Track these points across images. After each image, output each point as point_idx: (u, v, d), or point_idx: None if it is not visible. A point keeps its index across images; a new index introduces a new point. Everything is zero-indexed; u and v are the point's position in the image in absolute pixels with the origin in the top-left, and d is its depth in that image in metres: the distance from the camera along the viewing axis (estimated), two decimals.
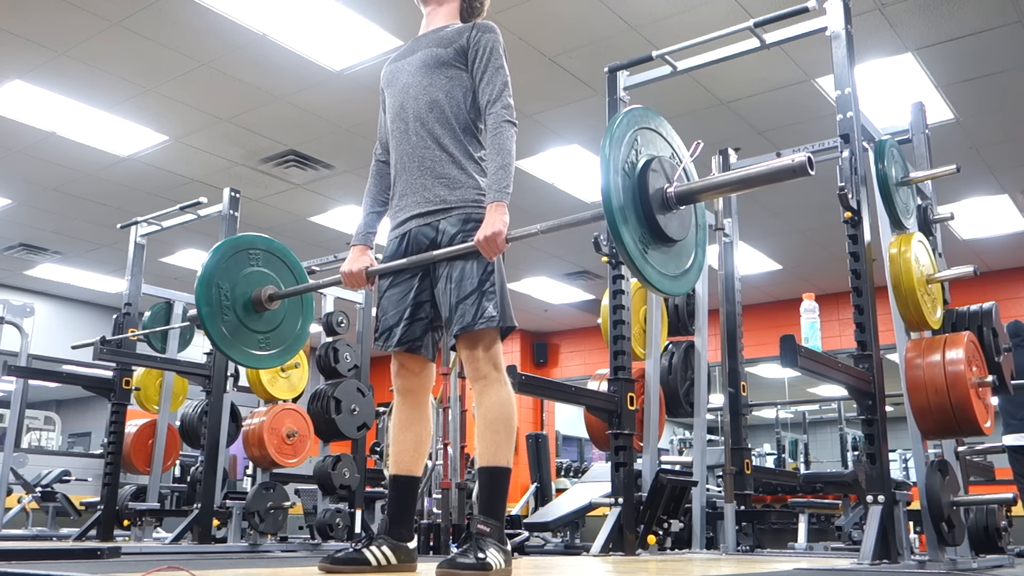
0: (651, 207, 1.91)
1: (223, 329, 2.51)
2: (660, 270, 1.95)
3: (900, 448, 8.46)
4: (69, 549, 3.51)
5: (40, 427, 12.61)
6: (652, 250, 1.92)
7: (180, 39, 4.83)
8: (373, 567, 2.26)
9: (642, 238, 1.90)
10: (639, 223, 1.90)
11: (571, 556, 4.97)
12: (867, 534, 2.62)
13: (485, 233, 2.15)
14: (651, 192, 1.92)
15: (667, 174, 1.98)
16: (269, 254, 2.68)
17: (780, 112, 5.63)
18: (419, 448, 2.41)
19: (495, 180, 2.24)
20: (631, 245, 1.86)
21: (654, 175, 1.95)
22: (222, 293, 2.52)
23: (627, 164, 1.92)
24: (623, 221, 1.85)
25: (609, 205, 1.84)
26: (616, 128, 1.94)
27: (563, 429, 12.17)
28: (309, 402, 5.36)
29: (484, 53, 2.39)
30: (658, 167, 1.98)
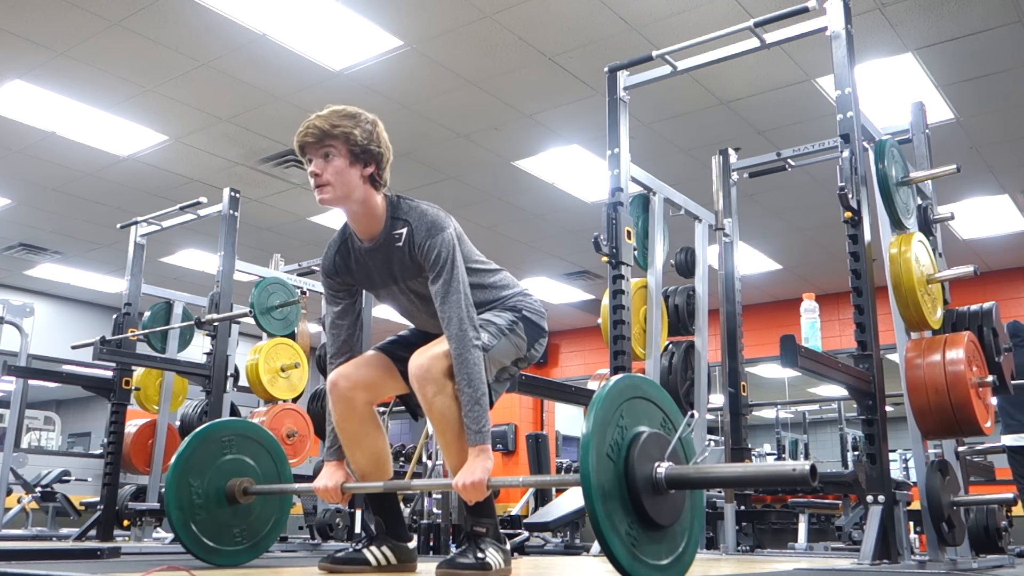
0: (639, 495, 1.66)
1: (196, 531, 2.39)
2: (652, 563, 1.67)
3: (900, 448, 8.45)
4: (69, 549, 3.51)
5: (40, 427, 12.61)
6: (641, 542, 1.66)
7: (180, 39, 4.83)
8: (373, 567, 2.26)
9: (629, 532, 1.64)
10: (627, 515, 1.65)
11: (571, 556, 4.96)
12: (867, 534, 2.62)
13: (465, 480, 2.03)
14: (638, 470, 1.67)
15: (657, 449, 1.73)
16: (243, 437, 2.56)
17: (780, 112, 5.62)
18: (377, 460, 2.35)
19: (472, 421, 2.05)
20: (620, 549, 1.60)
21: (643, 452, 1.69)
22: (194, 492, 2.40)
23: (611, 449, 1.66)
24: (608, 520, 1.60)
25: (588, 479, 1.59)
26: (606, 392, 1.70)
27: (563, 429, 12.17)
28: (309, 402, 5.36)
29: (437, 267, 2.14)
30: (646, 444, 1.71)
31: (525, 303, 2.37)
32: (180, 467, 2.41)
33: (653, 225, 4.05)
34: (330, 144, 2.16)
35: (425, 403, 2.13)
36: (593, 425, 1.64)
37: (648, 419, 1.79)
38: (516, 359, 2.33)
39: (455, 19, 4.66)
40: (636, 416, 1.76)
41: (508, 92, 5.45)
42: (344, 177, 2.16)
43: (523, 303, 2.37)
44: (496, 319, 2.28)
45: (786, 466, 1.66)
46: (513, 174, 6.61)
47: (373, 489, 2.31)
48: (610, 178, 3.65)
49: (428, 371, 2.10)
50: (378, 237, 2.22)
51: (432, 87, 5.37)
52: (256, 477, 2.55)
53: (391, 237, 2.21)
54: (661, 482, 1.69)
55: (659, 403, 1.85)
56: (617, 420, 1.70)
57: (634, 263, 3.74)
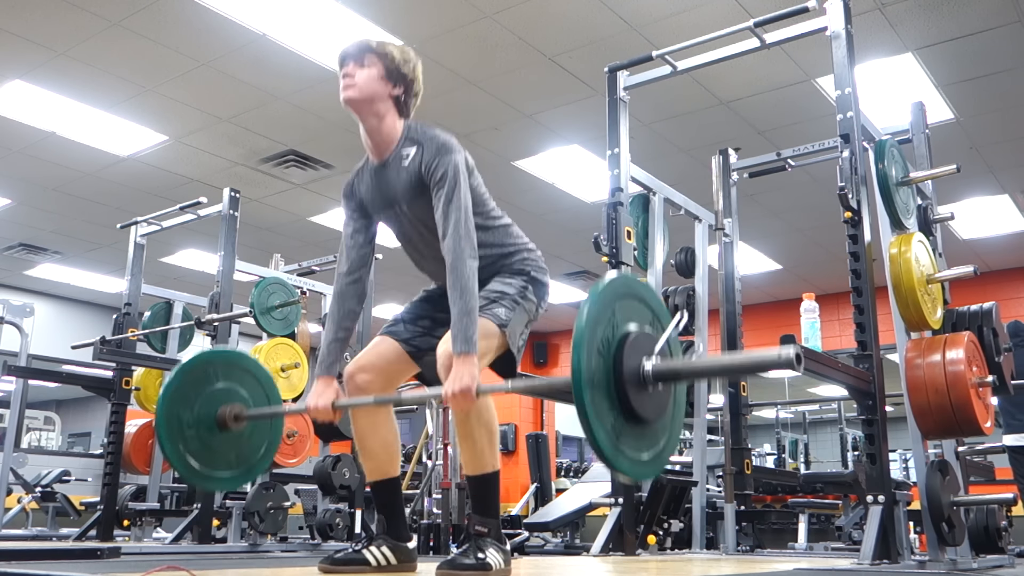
0: (626, 390, 1.71)
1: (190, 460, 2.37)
2: (633, 456, 1.74)
3: (900, 448, 8.46)
4: (69, 549, 3.52)
5: (40, 427, 12.61)
6: (625, 435, 1.73)
7: (180, 39, 4.83)
8: (373, 567, 2.26)
9: (615, 426, 1.70)
10: (612, 408, 1.71)
11: (571, 556, 4.97)
12: (867, 534, 2.62)
13: (453, 388, 2.02)
14: (627, 372, 1.72)
15: (645, 347, 1.78)
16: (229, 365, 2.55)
17: (780, 112, 5.62)
18: (389, 451, 2.38)
19: (459, 329, 2.07)
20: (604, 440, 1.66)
21: (630, 351, 1.74)
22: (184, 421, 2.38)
23: (602, 344, 1.71)
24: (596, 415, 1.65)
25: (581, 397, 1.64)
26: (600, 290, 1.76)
27: (563, 429, 12.16)
28: None
29: (442, 183, 2.20)
30: (635, 342, 1.76)
31: (531, 261, 2.40)
32: (168, 399, 2.39)
33: (653, 225, 4.05)
34: (368, 56, 2.29)
35: None
36: (586, 321, 1.69)
37: (639, 318, 1.84)
38: (528, 321, 2.37)
39: (455, 19, 4.66)
40: (627, 315, 1.81)
41: (508, 92, 5.45)
42: (372, 84, 2.27)
43: (529, 262, 2.40)
44: (508, 288, 2.30)
45: (770, 352, 1.68)
46: (513, 174, 6.61)
47: (363, 403, 2.29)
48: (610, 178, 3.65)
49: None
50: (389, 155, 2.31)
51: (432, 87, 5.31)
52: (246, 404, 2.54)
53: (399, 155, 2.29)
54: (648, 376, 1.74)
55: (650, 304, 1.90)
56: (609, 317, 1.75)
57: (634, 263, 3.74)
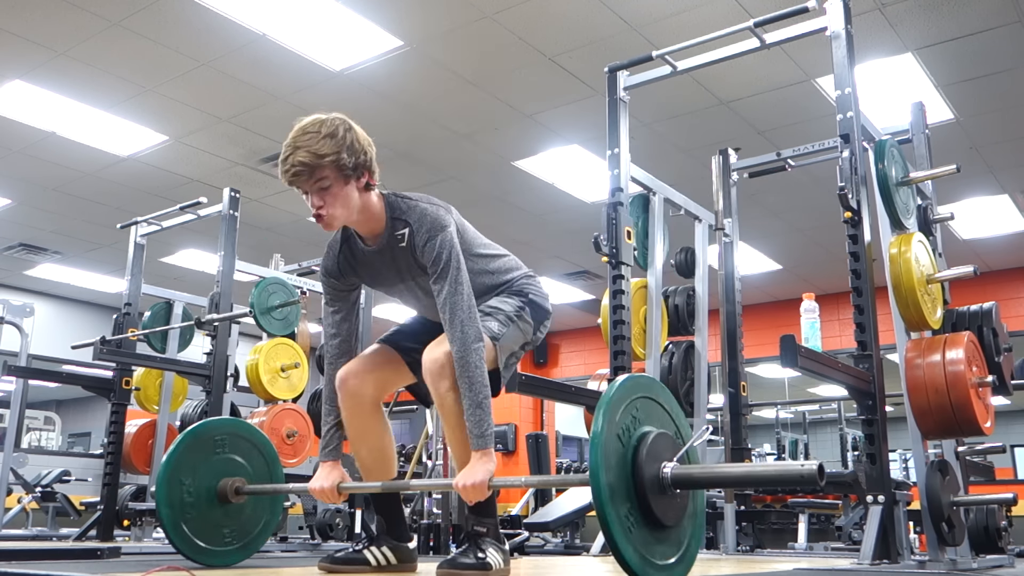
0: (644, 486, 1.68)
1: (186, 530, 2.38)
2: (644, 554, 1.67)
3: (900, 448, 8.45)
4: (69, 549, 3.51)
5: (40, 427, 12.61)
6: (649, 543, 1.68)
7: (180, 39, 4.83)
8: (373, 567, 2.26)
9: (629, 515, 1.66)
10: (628, 500, 1.67)
11: (571, 556, 4.97)
12: (867, 534, 2.62)
13: (466, 481, 2.02)
14: (645, 470, 1.69)
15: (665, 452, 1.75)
16: (235, 437, 2.55)
17: (780, 112, 5.62)
18: (381, 456, 2.36)
19: (474, 424, 2.05)
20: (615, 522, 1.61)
21: (650, 452, 1.71)
22: (184, 490, 2.39)
23: (623, 433, 1.69)
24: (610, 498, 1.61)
25: (597, 478, 1.60)
26: (615, 392, 1.72)
27: (563, 429, 12.17)
28: (309, 402, 5.36)
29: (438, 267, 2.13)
30: (657, 443, 1.73)
31: (530, 286, 2.39)
32: (171, 465, 2.40)
33: (653, 225, 4.05)
34: (321, 176, 2.09)
35: (438, 398, 2.14)
36: (603, 424, 1.64)
37: (654, 419, 1.80)
38: (523, 343, 2.35)
39: (455, 19, 4.66)
40: (643, 416, 1.77)
41: (508, 92, 5.45)
42: (345, 200, 2.13)
43: (528, 286, 2.39)
44: (504, 305, 2.29)
45: (792, 466, 1.66)
46: (513, 174, 6.61)
47: (371, 489, 2.31)
48: (610, 178, 3.65)
49: (443, 367, 2.11)
50: (381, 238, 2.22)
51: (432, 87, 5.37)
52: (248, 477, 2.54)
53: (394, 238, 2.20)
54: (667, 482, 1.70)
55: (664, 404, 1.86)
56: (626, 419, 1.71)
57: (634, 263, 3.74)
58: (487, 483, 2.02)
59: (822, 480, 1.60)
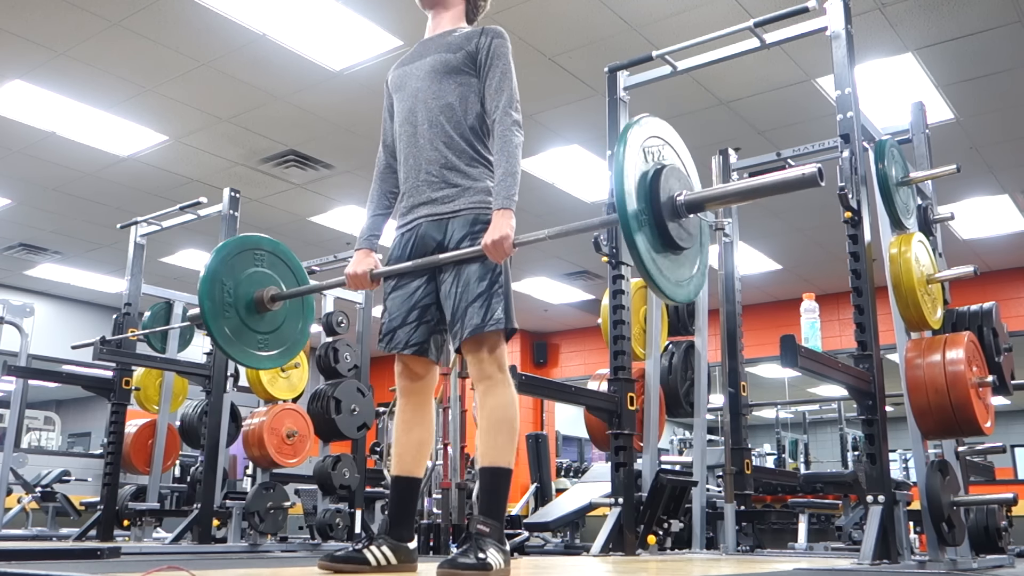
0: (662, 215, 1.93)
1: (225, 329, 2.50)
2: (669, 277, 1.98)
3: (900, 448, 8.46)
4: (69, 549, 3.51)
5: (40, 427, 12.61)
6: (661, 257, 1.95)
7: (180, 39, 4.83)
8: (373, 567, 2.26)
9: (653, 245, 1.93)
10: (651, 230, 1.93)
11: (571, 556, 4.96)
12: (867, 534, 2.62)
13: (492, 237, 2.16)
14: (662, 200, 1.94)
15: (677, 182, 2.01)
16: (273, 255, 2.68)
17: (780, 112, 5.63)
18: (421, 450, 2.42)
19: (502, 187, 2.25)
20: (645, 252, 1.89)
21: (665, 183, 1.96)
22: (225, 291, 2.51)
23: (641, 170, 1.94)
24: (637, 228, 1.88)
25: (624, 211, 1.87)
26: (629, 134, 1.96)
27: (563, 429, 12.17)
28: (309, 402, 5.36)
29: (493, 59, 2.39)
30: (669, 175, 1.99)
31: None
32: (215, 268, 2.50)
33: None
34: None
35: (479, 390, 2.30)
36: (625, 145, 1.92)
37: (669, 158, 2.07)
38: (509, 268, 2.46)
39: None
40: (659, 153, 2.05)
41: None
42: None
43: None
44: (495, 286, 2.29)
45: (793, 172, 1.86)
46: None
47: (403, 270, 2.35)
48: (610, 178, 3.65)
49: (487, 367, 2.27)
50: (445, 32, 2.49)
51: None
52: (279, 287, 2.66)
53: (452, 29, 2.49)
54: (682, 206, 1.97)
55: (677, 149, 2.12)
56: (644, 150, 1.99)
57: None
58: (511, 238, 2.16)
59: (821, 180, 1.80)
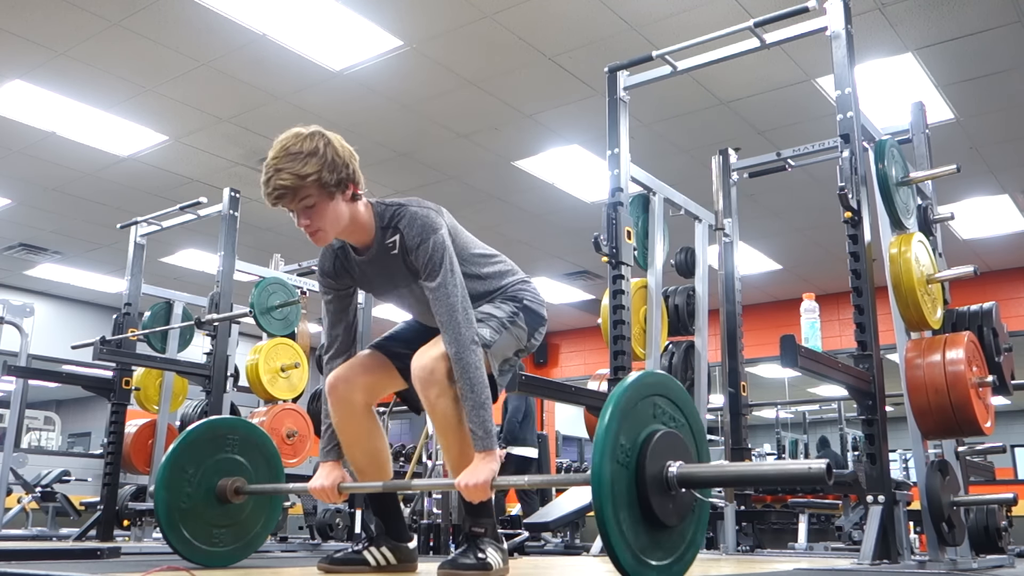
0: (647, 487, 1.65)
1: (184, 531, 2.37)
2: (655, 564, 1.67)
3: (900, 448, 8.45)
4: (69, 549, 3.51)
5: (40, 427, 12.61)
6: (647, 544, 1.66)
7: (180, 39, 4.83)
8: (373, 567, 2.26)
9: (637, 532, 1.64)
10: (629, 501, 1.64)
11: (571, 556, 4.96)
12: (867, 534, 2.62)
13: (469, 481, 2.01)
14: (649, 470, 1.66)
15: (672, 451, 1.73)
16: (247, 441, 2.56)
17: (780, 112, 5.62)
18: (377, 460, 2.34)
19: (477, 425, 2.04)
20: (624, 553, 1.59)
21: (655, 451, 1.68)
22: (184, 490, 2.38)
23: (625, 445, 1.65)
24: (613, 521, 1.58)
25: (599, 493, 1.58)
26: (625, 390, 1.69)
27: (563, 429, 12.16)
28: (309, 402, 5.36)
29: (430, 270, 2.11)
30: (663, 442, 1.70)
31: (525, 291, 2.35)
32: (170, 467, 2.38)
33: (653, 225, 4.05)
34: (305, 195, 2.06)
35: (428, 405, 2.12)
36: (607, 425, 1.62)
37: (664, 417, 1.77)
38: (517, 350, 2.32)
39: (455, 19, 4.66)
40: (653, 414, 1.75)
41: (508, 92, 5.45)
42: (333, 215, 2.10)
43: (523, 291, 2.34)
44: (497, 311, 2.25)
45: (800, 465, 1.63)
46: (513, 174, 6.61)
47: (371, 489, 2.30)
48: (610, 178, 3.65)
49: (432, 373, 2.08)
50: (372, 247, 2.20)
51: (432, 87, 5.36)
52: (248, 477, 2.53)
53: (385, 246, 2.18)
54: (672, 481, 1.68)
55: (676, 400, 1.83)
56: (634, 418, 1.69)
57: (634, 263, 3.74)
58: (490, 483, 2.01)
59: (830, 479, 1.57)
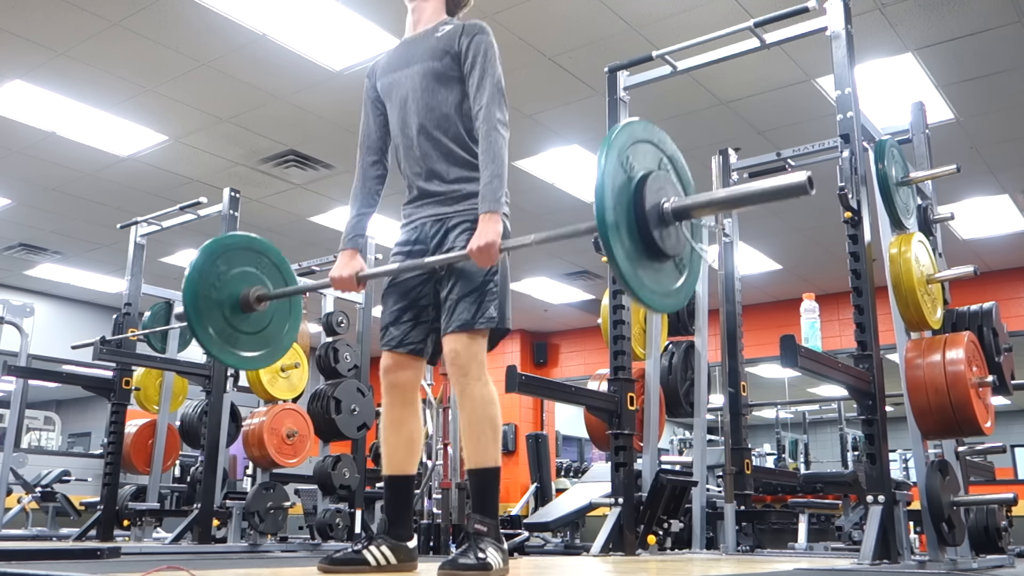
0: (647, 222, 1.85)
1: (209, 328, 2.45)
2: (652, 287, 1.88)
3: (900, 448, 8.46)
4: (69, 549, 3.51)
5: (40, 427, 12.61)
6: (645, 267, 1.87)
7: (180, 39, 4.83)
8: (372, 567, 2.26)
9: (634, 254, 1.84)
10: (633, 239, 1.84)
11: (571, 556, 4.97)
12: (867, 534, 2.62)
13: (478, 243, 2.13)
14: (648, 207, 1.85)
15: (665, 188, 1.92)
16: (261, 255, 2.63)
17: (780, 112, 5.62)
18: (411, 447, 2.40)
19: (488, 190, 2.22)
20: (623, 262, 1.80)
21: (651, 190, 1.88)
22: (210, 289, 2.46)
23: (624, 177, 1.86)
24: (617, 239, 1.80)
25: (603, 220, 1.79)
26: (615, 139, 1.88)
27: (563, 429, 12.17)
28: (309, 402, 5.36)
29: (475, 58, 2.36)
30: (656, 181, 1.90)
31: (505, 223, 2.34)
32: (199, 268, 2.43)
33: None
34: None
35: (458, 388, 2.25)
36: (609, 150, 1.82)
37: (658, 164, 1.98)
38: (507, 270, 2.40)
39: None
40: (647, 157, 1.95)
41: (508, 92, 5.42)
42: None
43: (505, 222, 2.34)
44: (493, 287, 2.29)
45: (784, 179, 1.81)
46: (513, 174, 6.58)
47: (388, 272, 2.34)
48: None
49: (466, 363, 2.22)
50: (427, 31, 2.45)
51: None
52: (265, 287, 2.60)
53: (434, 29, 2.44)
54: (668, 213, 1.87)
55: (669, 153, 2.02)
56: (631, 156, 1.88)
57: None
58: (497, 244, 2.13)
59: (811, 188, 1.74)
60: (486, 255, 2.14)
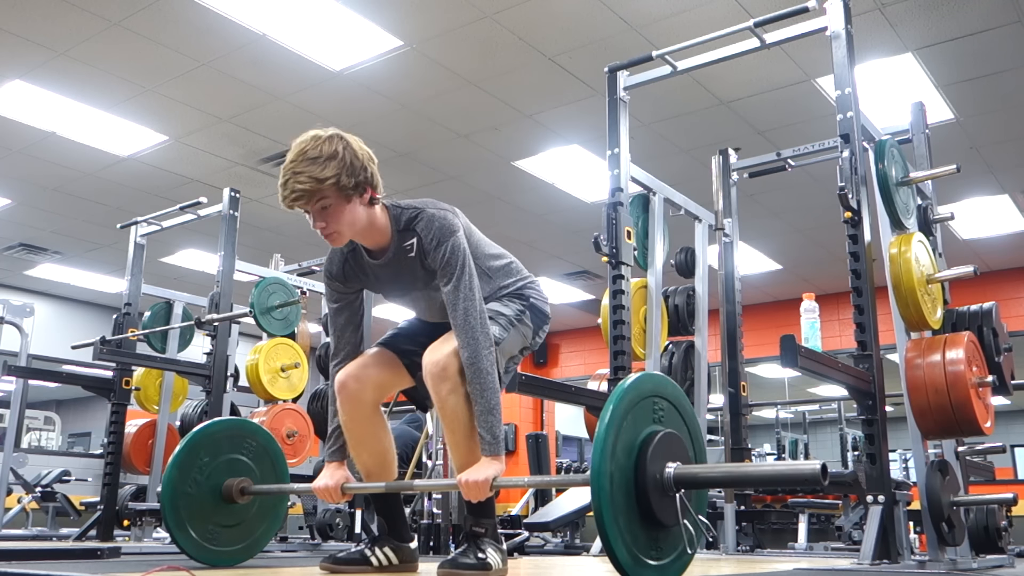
0: (646, 488, 1.67)
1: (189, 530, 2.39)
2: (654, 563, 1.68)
3: (900, 448, 8.45)
4: (69, 549, 3.51)
5: (40, 427, 12.61)
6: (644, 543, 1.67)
7: (180, 39, 4.83)
8: (374, 567, 2.27)
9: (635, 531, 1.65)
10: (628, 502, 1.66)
11: (571, 556, 4.97)
12: (867, 534, 2.62)
13: (472, 477, 2.03)
14: (649, 471, 1.67)
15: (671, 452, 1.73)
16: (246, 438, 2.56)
17: (780, 112, 5.62)
18: (382, 460, 2.35)
19: (486, 430, 2.05)
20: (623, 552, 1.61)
21: (655, 453, 1.69)
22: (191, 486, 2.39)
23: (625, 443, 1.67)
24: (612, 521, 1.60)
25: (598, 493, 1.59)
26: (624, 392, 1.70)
27: (563, 429, 12.16)
28: (309, 402, 5.36)
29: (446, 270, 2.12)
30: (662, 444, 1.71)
31: (531, 290, 2.38)
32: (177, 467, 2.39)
33: (653, 225, 4.05)
34: (322, 197, 2.07)
35: (438, 401, 2.12)
36: (607, 425, 1.63)
37: (663, 419, 1.79)
38: (523, 347, 2.35)
39: (455, 19, 4.66)
40: (652, 415, 1.76)
41: (508, 92, 5.45)
42: (350, 218, 2.11)
43: (529, 290, 2.37)
44: (505, 309, 2.28)
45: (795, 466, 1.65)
46: (513, 174, 6.61)
47: (374, 489, 2.31)
48: (610, 178, 3.65)
49: (444, 369, 2.09)
50: (388, 250, 2.20)
51: (432, 87, 5.36)
52: (253, 478, 2.54)
53: (402, 249, 2.18)
54: (669, 482, 1.69)
55: (674, 401, 1.84)
56: (632, 419, 1.70)
57: (634, 263, 3.74)
58: (490, 482, 2.01)
59: (825, 480, 1.58)
60: (474, 491, 2.03)
